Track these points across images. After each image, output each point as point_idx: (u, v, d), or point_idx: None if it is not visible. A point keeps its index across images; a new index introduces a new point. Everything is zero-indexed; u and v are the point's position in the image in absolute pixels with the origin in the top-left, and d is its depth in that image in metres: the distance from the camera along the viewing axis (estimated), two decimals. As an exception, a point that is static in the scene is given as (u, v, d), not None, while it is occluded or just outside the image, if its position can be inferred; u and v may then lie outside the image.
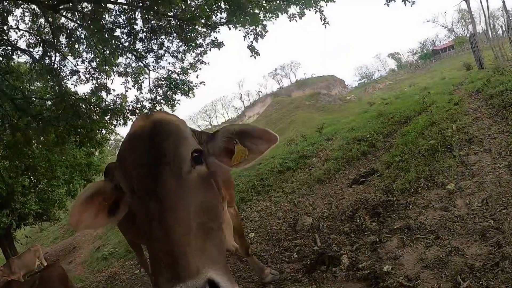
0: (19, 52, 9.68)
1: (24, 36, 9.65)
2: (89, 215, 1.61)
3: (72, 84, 10.11)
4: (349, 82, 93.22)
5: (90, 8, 9.03)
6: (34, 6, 9.05)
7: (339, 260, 4.35)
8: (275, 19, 9.00)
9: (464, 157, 6.27)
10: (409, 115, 11.61)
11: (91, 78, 10.22)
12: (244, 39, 8.83)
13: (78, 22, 9.40)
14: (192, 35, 9.42)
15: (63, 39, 9.72)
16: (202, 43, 9.84)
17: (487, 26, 25.13)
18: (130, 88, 10.76)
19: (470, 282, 3.19)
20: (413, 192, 5.65)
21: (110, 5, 9.14)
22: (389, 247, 4.31)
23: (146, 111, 10.28)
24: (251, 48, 8.77)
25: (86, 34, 9.49)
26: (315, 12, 8.17)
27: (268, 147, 1.69)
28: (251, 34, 8.80)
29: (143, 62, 10.37)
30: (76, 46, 10.04)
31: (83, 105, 9.39)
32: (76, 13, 9.17)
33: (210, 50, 9.98)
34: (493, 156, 5.87)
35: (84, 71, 10.18)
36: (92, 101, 10.24)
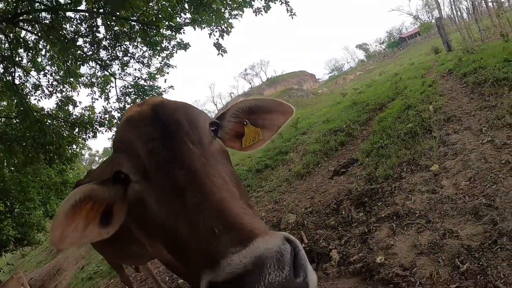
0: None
1: (-16, 53, 9.22)
2: (75, 228, 1.24)
3: (35, 99, 9.74)
4: (319, 76, 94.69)
5: (49, 18, 8.66)
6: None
7: (329, 256, 4.17)
8: (241, 16, 8.81)
9: (444, 137, 6.17)
10: (384, 101, 11.48)
11: (55, 91, 9.85)
12: (210, 37, 8.65)
13: (39, 34, 9.01)
14: (157, 38, 9.16)
15: (23, 53, 9.33)
16: (168, 46, 9.63)
17: (452, 9, 25.45)
18: (97, 99, 10.48)
19: (469, 264, 3.06)
20: (397, 178, 5.52)
21: (70, 14, 8.80)
22: (379, 237, 4.13)
23: (115, 121, 9.99)
24: (218, 45, 8.57)
25: (47, 46, 9.12)
26: (281, 4, 8.00)
27: (284, 121, 1.56)
28: (216, 32, 8.61)
29: (109, 70, 10.07)
30: (39, 59, 9.67)
31: (48, 121, 9.00)
32: (36, 25, 8.78)
33: (176, 52, 9.82)
34: (474, 133, 5.78)
35: (47, 85, 9.80)
36: (59, 115, 9.86)
